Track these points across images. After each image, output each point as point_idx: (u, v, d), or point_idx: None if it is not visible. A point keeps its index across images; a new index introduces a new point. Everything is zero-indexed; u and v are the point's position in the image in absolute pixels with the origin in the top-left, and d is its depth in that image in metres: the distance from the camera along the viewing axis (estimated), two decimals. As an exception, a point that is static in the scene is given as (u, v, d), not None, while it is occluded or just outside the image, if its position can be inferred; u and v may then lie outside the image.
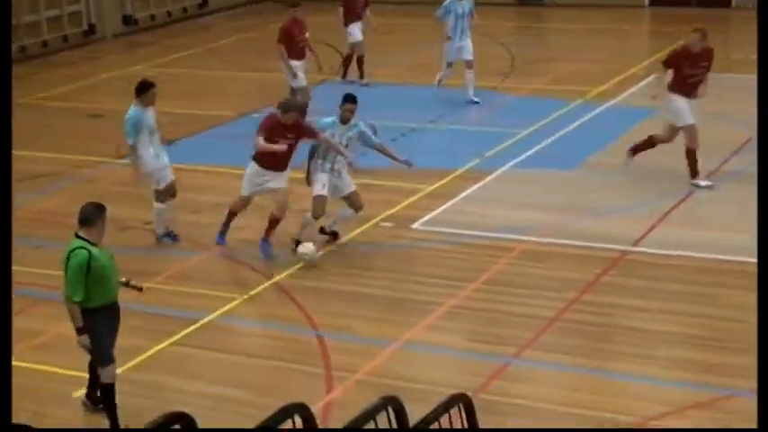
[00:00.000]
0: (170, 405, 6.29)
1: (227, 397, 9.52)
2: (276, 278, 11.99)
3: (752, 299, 11.03)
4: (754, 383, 9.32)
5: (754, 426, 8.60)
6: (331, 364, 10.04)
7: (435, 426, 5.86)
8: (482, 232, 13.10)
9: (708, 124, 17.99)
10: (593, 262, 12.06)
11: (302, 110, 12.59)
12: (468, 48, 18.82)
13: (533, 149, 16.41)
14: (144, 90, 12.64)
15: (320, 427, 5.01)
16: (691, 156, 14.62)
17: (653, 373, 9.64)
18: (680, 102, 14.64)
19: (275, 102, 12.68)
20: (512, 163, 15.81)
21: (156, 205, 13.03)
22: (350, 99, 12.73)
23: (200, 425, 3.89)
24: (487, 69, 20.25)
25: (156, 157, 12.78)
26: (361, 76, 20.76)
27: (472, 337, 10.57)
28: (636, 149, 15.14)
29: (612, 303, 11.09)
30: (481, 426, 6.29)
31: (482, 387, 9.41)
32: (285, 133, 12.26)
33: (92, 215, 8.66)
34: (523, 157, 16.07)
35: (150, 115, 12.71)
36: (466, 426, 6.22)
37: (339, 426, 4.97)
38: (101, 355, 8.83)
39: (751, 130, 16.76)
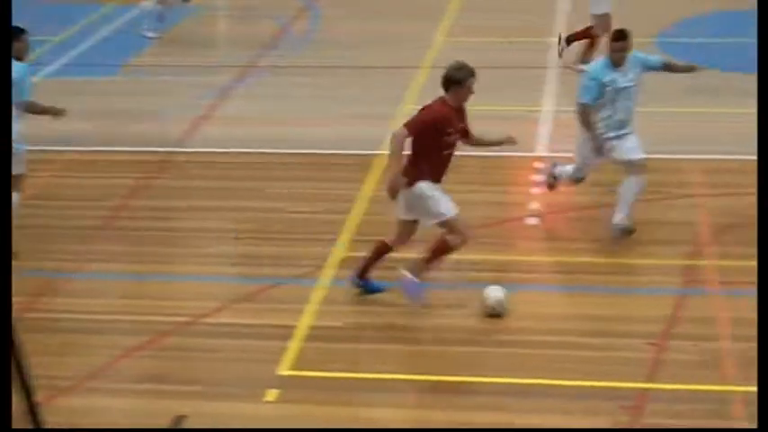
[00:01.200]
0: None
1: None
2: None
3: (297, 189, 11.49)
4: (298, 270, 9.75)
5: (289, 309, 9.01)
6: None
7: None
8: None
9: (238, 20, 18.39)
10: (140, 166, 12.02)
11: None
12: None
13: (68, 56, 16.00)
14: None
15: None
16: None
17: (203, 271, 9.80)
18: None
19: None
20: (49, 70, 15.34)
21: None
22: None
23: None
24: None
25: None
26: None
27: (20, 256, 10.24)
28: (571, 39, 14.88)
29: (159, 207, 11.13)
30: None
31: (30, 306, 9.16)
32: (455, 124, 8.53)
33: None
34: (59, 65, 15.63)
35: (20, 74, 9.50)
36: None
37: None
38: None
39: (281, 23, 17.32)
